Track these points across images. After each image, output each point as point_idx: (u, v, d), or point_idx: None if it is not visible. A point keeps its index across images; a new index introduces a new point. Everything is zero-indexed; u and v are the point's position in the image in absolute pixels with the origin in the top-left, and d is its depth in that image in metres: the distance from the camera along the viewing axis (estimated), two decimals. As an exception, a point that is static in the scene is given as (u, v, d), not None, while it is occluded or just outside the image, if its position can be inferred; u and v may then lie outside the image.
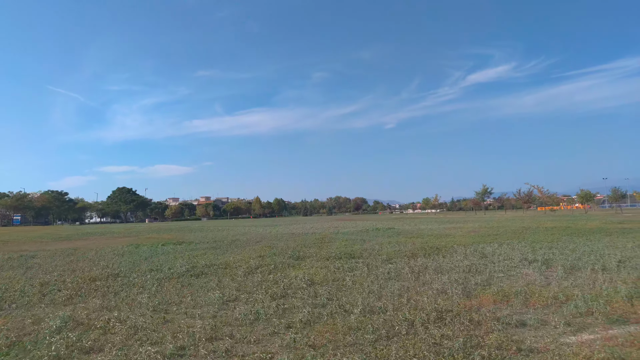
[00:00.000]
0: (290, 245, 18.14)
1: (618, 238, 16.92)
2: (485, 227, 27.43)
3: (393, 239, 20.23)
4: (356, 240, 19.81)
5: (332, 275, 9.63)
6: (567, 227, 24.42)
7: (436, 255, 12.76)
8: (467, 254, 13.01)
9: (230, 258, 13.57)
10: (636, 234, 18.67)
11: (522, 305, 6.63)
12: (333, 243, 18.91)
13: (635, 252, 12.01)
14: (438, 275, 9.40)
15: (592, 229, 22.80)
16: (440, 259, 11.90)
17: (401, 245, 16.42)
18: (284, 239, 22.45)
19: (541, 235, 19.20)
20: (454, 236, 20.68)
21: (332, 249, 15.50)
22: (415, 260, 11.76)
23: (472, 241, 17.27)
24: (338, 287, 8.36)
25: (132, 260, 13.99)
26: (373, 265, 11.17)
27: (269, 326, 5.77)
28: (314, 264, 11.56)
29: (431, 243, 16.96)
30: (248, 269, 11.08)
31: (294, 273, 10.09)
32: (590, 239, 16.88)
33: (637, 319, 5.72)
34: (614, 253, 11.94)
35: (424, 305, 6.44)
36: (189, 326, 5.75)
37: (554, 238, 17.64)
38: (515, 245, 14.87)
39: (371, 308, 6.47)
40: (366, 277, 9.29)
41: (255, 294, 7.95)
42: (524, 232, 21.59)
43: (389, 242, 18.39)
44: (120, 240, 27.55)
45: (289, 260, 12.49)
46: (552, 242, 16.00)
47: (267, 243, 20.11)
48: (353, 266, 10.99)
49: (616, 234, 19.15)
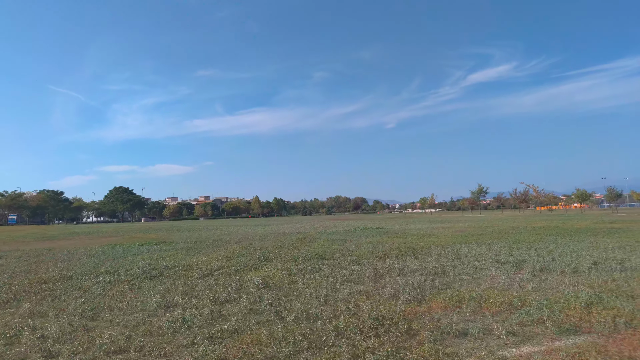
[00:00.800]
0: (267, 245, 17.68)
1: (603, 238, 16.44)
2: (473, 227, 26.95)
3: (375, 239, 19.76)
4: (337, 240, 19.34)
5: (289, 278, 9.16)
6: (556, 227, 23.93)
7: (409, 256, 12.29)
8: (442, 254, 12.55)
9: (197, 259, 13.11)
10: (622, 234, 18.19)
11: (473, 311, 6.16)
12: (312, 243, 18.45)
13: (613, 254, 11.52)
14: (400, 277, 8.94)
15: (580, 228, 22.32)
16: (411, 261, 11.43)
17: (379, 246, 15.96)
18: (266, 239, 22.00)
19: (525, 236, 18.72)
20: (437, 236, 20.21)
21: (307, 250, 15.03)
22: (384, 262, 11.30)
23: (453, 241, 16.79)
24: (288, 291, 7.90)
25: (97, 262, 13.54)
26: (338, 266, 10.71)
27: (190, 336, 5.31)
28: (277, 266, 11.10)
29: (411, 243, 16.49)
30: (207, 270, 10.63)
31: (250, 276, 9.63)
32: (574, 239, 16.40)
33: (589, 328, 5.26)
34: (592, 254, 11.46)
35: (365, 312, 5.97)
36: (102, 336, 5.29)
37: (537, 238, 17.15)
38: (495, 246, 14.39)
39: (308, 315, 6.01)
40: (323, 280, 8.82)
41: (199, 298, 7.50)
42: (509, 232, 21.11)
43: (369, 242, 17.92)
44: (103, 240, 27.13)
45: (255, 262, 12.03)
46: (534, 242, 15.52)
47: (247, 243, 19.66)
48: (317, 268, 10.53)
49: (603, 234, 18.67)
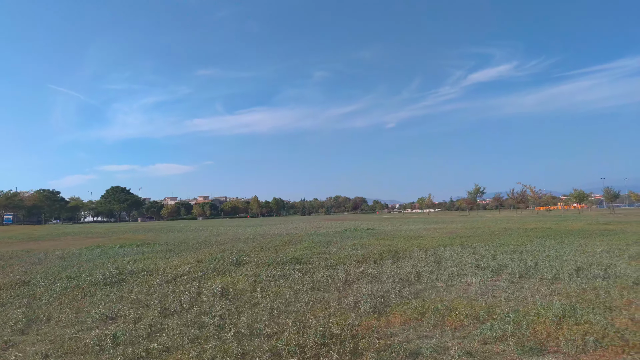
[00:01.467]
0: (247, 248, 17.15)
1: (593, 241, 15.92)
2: (465, 228, 26.42)
3: (361, 240, 19.24)
4: (322, 242, 18.82)
5: (253, 286, 8.64)
6: (548, 229, 23.40)
7: (387, 261, 11.76)
8: (422, 258, 12.03)
9: (166, 263, 12.60)
10: (614, 236, 17.66)
11: (434, 325, 5.65)
12: (296, 245, 17.93)
13: (600, 258, 11.00)
14: (370, 284, 8.43)
15: (572, 230, 21.79)
16: (387, 265, 10.91)
17: (362, 248, 15.45)
18: (252, 241, 21.49)
19: (515, 238, 18.19)
20: (425, 238, 19.68)
21: (286, 253, 14.52)
22: (359, 267, 10.78)
23: (439, 244, 16.27)
24: (245, 301, 7.38)
25: (65, 265, 13.03)
26: (311, 272, 10.20)
27: (115, 355, 4.80)
28: (247, 272, 10.58)
29: (395, 246, 15.97)
30: (172, 276, 10.12)
31: (212, 283, 9.11)
32: (563, 241, 15.87)
33: (555, 347, 4.74)
34: (577, 259, 10.93)
35: (312, 328, 5.46)
36: (18, 355, 4.78)
37: (526, 240, 16.62)
38: (480, 249, 13.86)
39: (252, 330, 5.49)
40: (288, 288, 8.31)
41: (148, 308, 6.99)
42: (499, 234, 20.57)
43: (354, 244, 17.40)
44: (89, 241, 26.64)
45: (226, 267, 11.52)
46: (521, 245, 14.99)
47: (229, 245, 19.14)
48: (288, 273, 10.00)
49: (594, 236, 18.14)
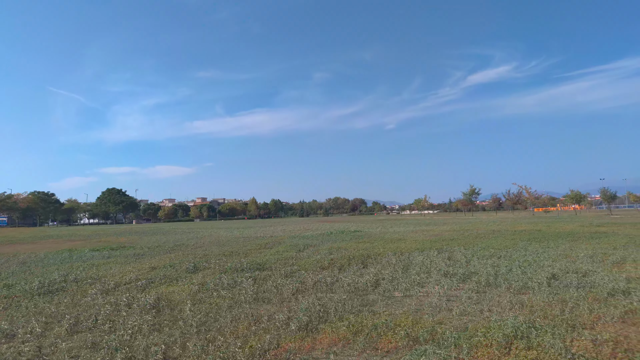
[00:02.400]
0: (218, 252, 16.36)
1: (581, 244, 15.10)
2: (452, 231, 25.59)
3: (340, 244, 18.44)
4: (299, 246, 18.01)
5: (193, 296, 7.86)
6: (538, 231, 22.57)
7: (355, 266, 10.97)
8: (392, 264, 11.24)
9: (121, 269, 11.81)
10: (603, 239, 16.82)
11: (365, 347, 4.86)
12: (270, 249, 17.15)
13: (580, 264, 10.19)
14: (320, 294, 7.64)
15: (562, 232, 20.96)
16: (352, 272, 10.12)
17: (336, 253, 14.66)
18: (228, 244, 20.71)
19: (499, 241, 17.37)
20: (407, 241, 18.86)
21: (254, 258, 13.74)
22: (319, 274, 9.99)
23: (418, 247, 15.46)
24: (172, 315, 6.59)
25: (19, 270, 12.27)
26: (265, 280, 9.41)
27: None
28: (197, 280, 9.79)
29: (371, 250, 15.16)
30: (114, 284, 9.33)
31: (149, 293, 8.31)
32: (548, 245, 15.05)
33: (494, 377, 3.94)
34: (556, 264, 10.13)
35: (229, 349, 4.66)
36: None
37: (510, 244, 15.81)
38: (457, 253, 13.05)
39: (146, 355, 4.70)
40: (227, 299, 7.52)
41: (60, 324, 6.21)
42: (485, 237, 19.75)
43: (330, 248, 16.61)
44: (67, 244, 25.91)
45: (179, 273, 10.73)
46: (503, 249, 14.18)
47: (203, 249, 18.37)
48: (240, 281, 9.21)
49: (583, 238, 17.31)
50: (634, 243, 14.58)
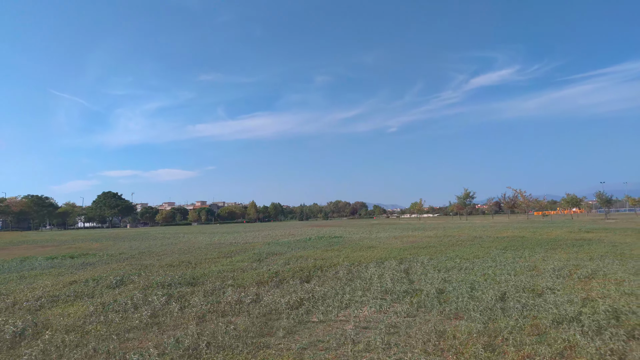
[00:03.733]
0: (171, 261, 15.29)
1: (557, 253, 13.94)
2: (434, 237, 24.41)
3: (307, 251, 17.33)
4: (262, 254, 16.92)
5: (79, 322, 6.79)
6: (521, 238, 21.37)
7: (296, 280, 9.88)
8: (338, 278, 10.16)
9: (41, 282, 10.75)
10: (585, 247, 15.64)
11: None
12: (231, 258, 16.08)
13: (542, 279, 9.08)
14: (227, 318, 6.58)
15: (545, 239, 19.76)
16: (287, 288, 9.04)
17: (295, 262, 13.60)
18: (192, 252, 19.64)
19: (474, 249, 16.22)
20: (377, 248, 17.71)
21: (202, 269, 12.70)
22: (247, 290, 8.91)
23: (383, 256, 14.33)
24: (23, 348, 5.53)
25: None
26: (183, 297, 8.34)
27: None
28: (108, 297, 8.72)
29: (330, 260, 14.05)
30: (11, 303, 8.27)
31: (30, 316, 7.24)
32: (522, 254, 13.90)
33: None
34: (516, 279, 9.01)
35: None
36: None
37: (482, 253, 14.66)
38: (416, 265, 11.93)
39: None
40: (113, 325, 6.45)
41: None
42: (462, 244, 18.58)
43: (291, 257, 15.51)
44: (35, 250, 25.00)
45: (97, 290, 9.67)
46: (472, 258, 13.04)
47: (158, 258, 17.32)
48: (151, 300, 8.12)
49: (564, 246, 16.13)
50: (613, 253, 13.42)
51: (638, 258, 12.10)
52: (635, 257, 12.25)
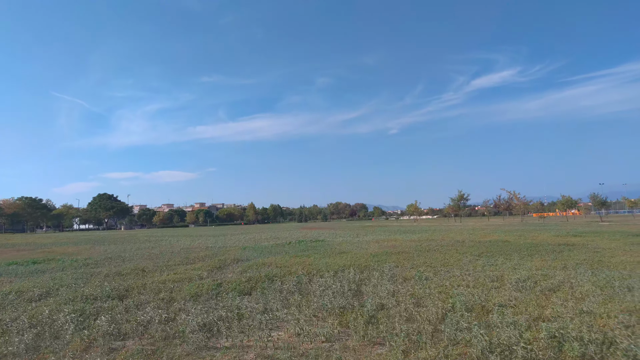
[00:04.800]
0: (123, 268, 14.43)
1: (534, 261, 13.02)
2: (416, 241, 23.48)
3: (273, 258, 16.44)
4: (227, 261, 16.08)
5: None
6: (504, 242, 20.44)
7: (235, 294, 9.03)
8: (280, 290, 9.28)
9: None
10: (566, 253, 14.73)
11: None
12: (192, 264, 15.24)
13: (500, 294, 8.18)
14: (116, 342, 5.72)
15: (528, 244, 18.82)
16: (213, 304, 8.19)
17: (251, 271, 12.75)
18: (161, 257, 18.80)
19: (448, 255, 15.29)
20: (350, 254, 16.76)
21: (150, 278, 11.85)
22: (173, 306, 8.06)
23: (352, 263, 13.40)
24: None
25: None
26: (102, 312, 7.48)
27: None
28: (8, 315, 7.87)
29: (288, 268, 13.16)
30: None
31: None
32: (496, 261, 12.98)
33: None
34: (469, 294, 8.11)
35: None
36: None
37: (455, 260, 13.74)
38: (380, 274, 11.03)
39: None
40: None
41: None
42: (439, 250, 17.65)
43: (254, 264, 14.63)
44: (2, 255, 24.18)
45: (15, 303, 8.82)
46: (441, 266, 12.14)
47: (125, 264, 16.49)
48: (56, 318, 7.26)
49: (544, 252, 15.21)
50: (591, 260, 12.50)
51: (615, 267, 11.20)
52: (613, 266, 11.35)
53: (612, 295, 7.66)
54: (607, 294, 7.82)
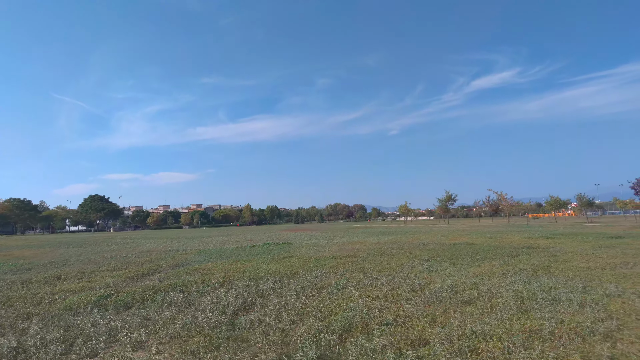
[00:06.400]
0: (42, 276, 13.37)
1: (482, 266, 11.92)
2: (382, 243, 22.36)
3: (215, 263, 15.39)
4: (164, 266, 15.01)
5: None
6: (470, 245, 19.31)
7: (110, 308, 7.95)
8: (169, 302, 8.19)
9: None
10: (521, 257, 13.61)
11: None
12: (126, 269, 14.16)
13: (402, 308, 7.08)
14: None
15: (491, 247, 17.71)
16: (67, 321, 7.10)
17: (175, 278, 11.68)
18: (109, 262, 17.73)
19: (398, 259, 14.18)
20: (295, 258, 15.64)
21: (58, 286, 10.77)
22: (17, 325, 6.97)
23: (286, 269, 12.31)
24: None
25: None
26: None
27: None
28: None
29: (216, 275, 12.10)
30: None
31: None
32: (440, 266, 11.88)
33: None
34: (364, 308, 7.02)
35: None
36: None
37: (398, 264, 12.63)
38: (297, 282, 9.96)
39: None
40: None
41: None
42: (397, 252, 16.53)
43: (184, 271, 13.58)
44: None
45: None
46: (378, 271, 11.03)
47: (61, 269, 15.43)
48: None
49: (501, 256, 14.09)
50: (538, 267, 11.35)
51: (561, 273, 10.09)
52: (559, 272, 10.23)
53: (527, 309, 6.57)
54: (524, 307, 6.73)
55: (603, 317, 6.01)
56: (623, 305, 6.60)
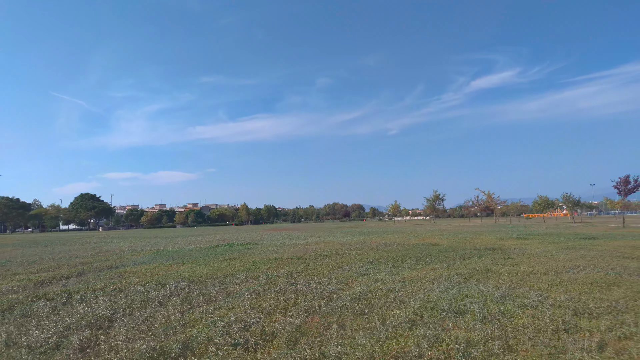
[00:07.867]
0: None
1: (424, 269, 10.93)
2: (347, 244, 21.35)
3: (149, 266, 14.41)
4: (94, 269, 14.03)
5: None
6: (433, 245, 18.31)
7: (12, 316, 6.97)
8: (52, 309, 7.22)
9: None
10: (472, 260, 12.60)
11: None
12: (51, 272, 13.19)
13: (284, 320, 6.09)
14: None
15: (452, 247, 16.71)
16: None
17: (84, 283, 10.71)
18: (46, 263, 16.75)
19: (346, 260, 13.19)
20: (237, 260, 14.70)
21: None
22: None
23: (212, 273, 11.36)
24: None
25: None
26: None
27: None
28: None
29: (128, 279, 11.12)
30: None
31: None
32: (380, 269, 10.89)
33: None
34: (227, 325, 6.04)
35: None
36: None
37: (331, 268, 11.64)
38: (211, 288, 8.97)
39: None
40: None
41: None
42: (354, 254, 15.53)
43: (110, 274, 12.60)
44: None
45: None
46: (308, 275, 10.04)
47: None
48: None
49: (453, 258, 13.08)
50: (480, 271, 10.33)
51: (498, 278, 9.07)
52: (495, 277, 9.21)
53: (417, 324, 5.58)
54: (417, 321, 5.73)
55: (497, 334, 5.02)
56: (531, 320, 5.60)
